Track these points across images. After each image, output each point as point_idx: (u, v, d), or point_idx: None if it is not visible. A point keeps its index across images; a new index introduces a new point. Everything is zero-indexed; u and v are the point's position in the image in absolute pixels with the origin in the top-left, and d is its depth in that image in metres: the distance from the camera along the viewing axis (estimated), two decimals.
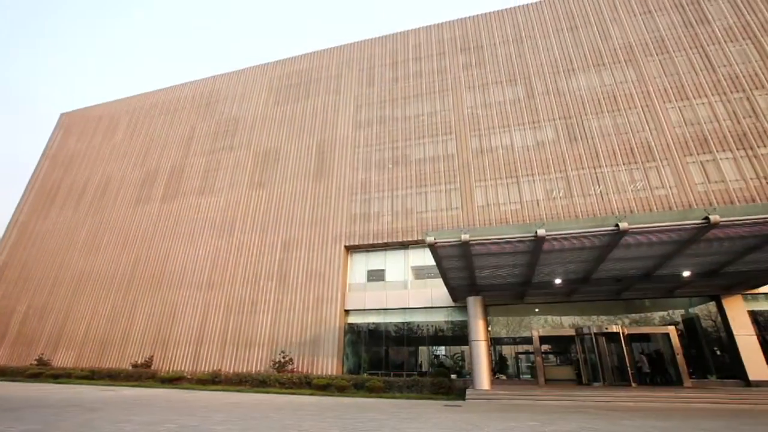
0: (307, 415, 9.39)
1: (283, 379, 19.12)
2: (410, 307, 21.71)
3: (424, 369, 20.74)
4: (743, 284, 16.49)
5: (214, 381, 20.54)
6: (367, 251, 24.06)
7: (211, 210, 28.11)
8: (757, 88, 21.36)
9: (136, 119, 36.76)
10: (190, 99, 35.41)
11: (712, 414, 9.52)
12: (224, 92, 34.31)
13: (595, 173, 21.68)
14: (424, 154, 25.28)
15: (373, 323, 22.41)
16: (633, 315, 19.60)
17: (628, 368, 17.18)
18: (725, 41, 23.19)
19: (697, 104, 21.90)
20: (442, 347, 21.74)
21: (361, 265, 23.88)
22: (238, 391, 18.32)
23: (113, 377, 22.56)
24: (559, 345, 20.22)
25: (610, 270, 15.10)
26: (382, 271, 23.33)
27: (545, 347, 20.08)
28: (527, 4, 28.99)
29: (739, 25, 23.47)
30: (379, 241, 23.30)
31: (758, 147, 19.97)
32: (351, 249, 24.21)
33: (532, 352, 19.53)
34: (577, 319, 19.86)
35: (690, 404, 11.97)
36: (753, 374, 16.19)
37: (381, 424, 7.88)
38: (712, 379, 17.41)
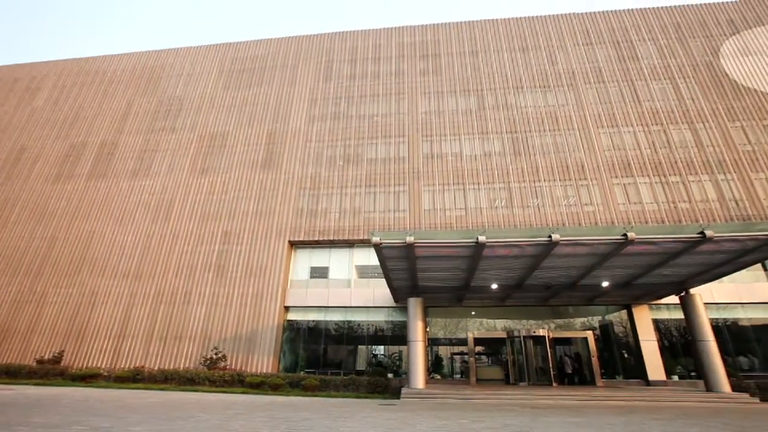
0: (237, 414, 9.03)
1: (213, 376, 18.18)
2: (352, 305, 21.70)
3: (361, 368, 20.83)
4: (650, 295, 18.50)
5: (135, 379, 19.00)
6: (312, 248, 23.68)
7: (146, 193, 26.03)
8: (672, 123, 24.13)
9: (62, 85, 33.02)
10: (129, 71, 32.54)
11: (617, 410, 10.57)
12: (170, 69, 31.96)
13: (535, 187, 23.17)
14: (375, 155, 25.42)
15: (313, 321, 22.09)
16: (558, 320, 21.19)
17: (551, 369, 18.58)
18: (650, 78, 25.93)
19: (624, 132, 24.25)
20: (381, 347, 21.98)
21: (304, 261, 23.44)
22: (162, 389, 17.12)
23: (12, 374, 19.97)
24: (492, 347, 21.34)
25: (541, 278, 16.21)
26: (326, 268, 23.09)
27: (479, 348, 21.07)
28: (484, 20, 30.30)
29: (662, 66, 26.37)
30: (325, 238, 23.04)
31: (669, 175, 22.55)
32: (295, 244, 23.68)
33: (466, 353, 20.40)
34: (509, 323, 21.08)
35: (600, 402, 13.19)
36: (652, 375, 18.28)
37: (314, 423, 7.78)
38: (620, 379, 19.36)
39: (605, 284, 16.72)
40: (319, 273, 23.11)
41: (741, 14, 27.99)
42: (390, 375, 19.06)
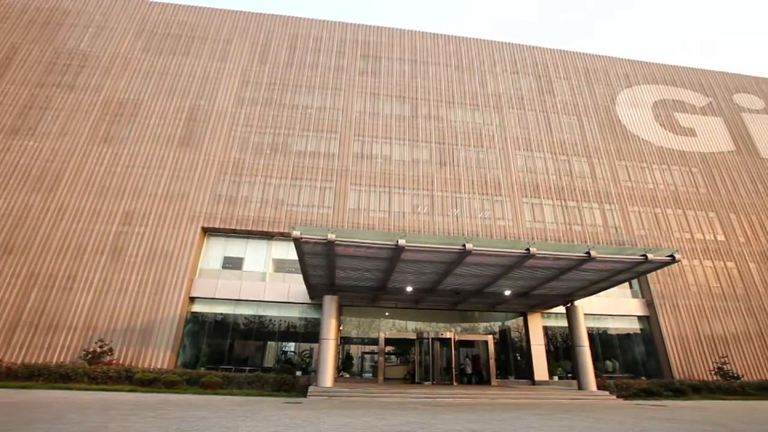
0: (120, 414, 8.10)
1: (95, 372, 16.04)
2: (265, 300, 20.84)
3: (270, 365, 20.10)
4: (543, 305, 20.71)
5: None
6: (227, 236, 22.27)
7: (28, 156, 22.15)
8: (574, 155, 27.38)
9: None
10: (19, 9, 27.46)
11: (507, 407, 11.63)
12: (74, 16, 27.67)
13: (455, 197, 24.55)
14: (305, 147, 24.82)
15: (222, 314, 20.77)
16: (464, 324, 22.67)
17: (453, 369, 19.81)
18: (561, 112, 29.16)
19: (536, 157, 26.89)
20: (292, 343, 21.46)
21: (217, 250, 21.95)
22: (24, 387, 14.64)
23: None
24: (401, 347, 22.07)
25: (452, 284, 17.20)
26: (241, 259, 21.89)
27: (389, 348, 21.65)
28: (426, 33, 31.42)
29: (572, 103, 29.82)
30: (243, 228, 21.83)
31: (568, 200, 25.54)
32: (209, 231, 22.06)
33: (376, 353, 20.82)
34: (420, 325, 22.00)
35: (494, 400, 14.39)
36: (538, 376, 20.47)
37: (211, 422, 7.29)
38: (512, 379, 21.34)
39: (507, 293, 18.32)
40: (232, 264, 21.81)
41: (634, 72, 32.87)
42: (298, 373, 18.65)
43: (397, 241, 12.49)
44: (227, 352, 20.19)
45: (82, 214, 20.93)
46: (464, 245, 12.83)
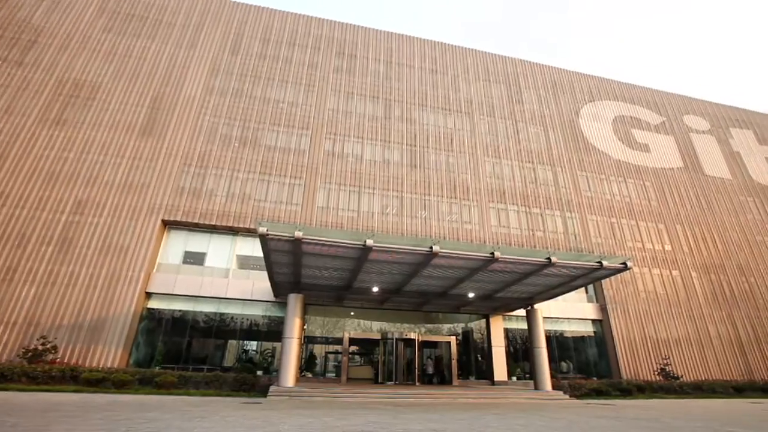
0: (63, 416, 7.59)
1: (35, 372, 14.93)
2: (228, 297, 20.22)
3: (230, 364, 19.51)
4: (505, 308, 21.34)
5: None
6: (190, 230, 21.42)
7: None
8: (539, 164, 28.43)
9: None
10: None
11: (466, 407, 11.90)
12: None
13: (424, 199, 24.85)
14: (276, 142, 24.31)
15: (180, 311, 19.94)
16: (428, 325, 22.97)
17: (416, 369, 20.02)
18: (529, 122, 30.19)
19: (504, 164, 27.69)
20: (255, 342, 20.95)
21: (178, 244, 21.06)
22: None
23: None
24: (366, 347, 22.06)
25: (418, 285, 17.39)
26: (203, 254, 21.12)
27: (353, 348, 21.57)
28: (403, 35, 31.64)
29: (539, 114, 30.96)
30: (207, 222, 21.07)
31: (532, 207, 26.48)
32: (170, 225, 21.13)
33: (340, 352, 20.70)
34: (385, 325, 22.08)
35: (455, 400, 14.67)
36: (498, 376, 21.09)
37: (164, 424, 6.97)
38: (472, 379, 21.85)
39: (471, 295, 18.74)
40: (194, 259, 20.99)
41: (597, 87, 34.59)
42: (260, 372, 18.21)
43: (365, 241, 12.48)
44: (185, 350, 19.40)
45: (27, 200, 19.45)
46: (431, 247, 13.00)
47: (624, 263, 14.88)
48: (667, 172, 31.45)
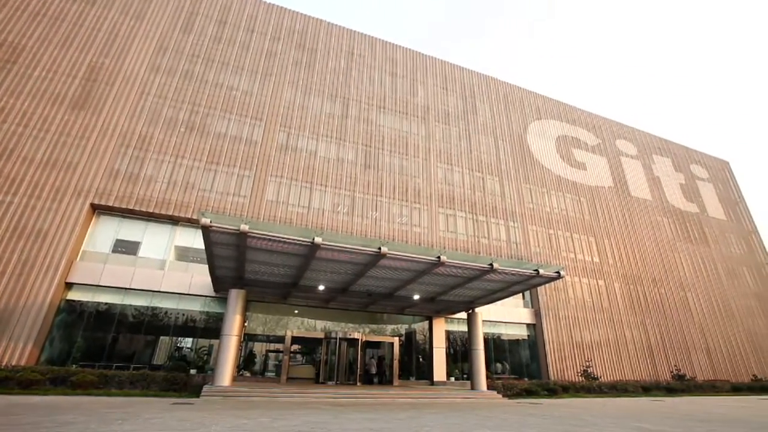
0: None
1: None
2: (162, 290, 18.92)
3: (160, 362, 18.25)
4: (448, 310, 22.02)
5: None
6: (123, 217, 19.79)
7: None
8: (488, 174, 29.72)
9: None
10: None
11: (405, 407, 12.10)
12: None
13: (376, 200, 24.97)
14: (226, 130, 23.20)
15: (106, 304, 18.33)
16: (373, 325, 23.09)
17: (358, 369, 20.03)
18: (481, 133, 31.45)
19: (455, 170, 28.60)
20: (190, 339, 19.79)
21: (108, 231, 19.36)
22: None
23: None
24: (308, 346, 21.69)
25: (365, 285, 17.43)
26: (137, 243, 19.60)
27: (294, 347, 21.11)
28: (365, 35, 31.59)
29: (491, 125, 32.36)
30: (143, 209, 19.58)
31: (479, 215, 27.60)
32: (100, 209, 19.36)
33: (281, 351, 20.17)
34: (329, 324, 21.87)
35: (394, 399, 14.85)
36: (437, 376, 21.70)
37: (77, 428, 6.35)
38: (413, 380, 22.27)
39: (416, 297, 19.12)
40: (126, 248, 19.40)
41: (544, 106, 36.88)
42: (193, 371, 17.22)
43: (314, 239, 12.28)
44: (109, 347, 17.86)
45: None
46: (380, 248, 13.09)
47: (558, 272, 15.97)
48: (599, 190, 34.27)
